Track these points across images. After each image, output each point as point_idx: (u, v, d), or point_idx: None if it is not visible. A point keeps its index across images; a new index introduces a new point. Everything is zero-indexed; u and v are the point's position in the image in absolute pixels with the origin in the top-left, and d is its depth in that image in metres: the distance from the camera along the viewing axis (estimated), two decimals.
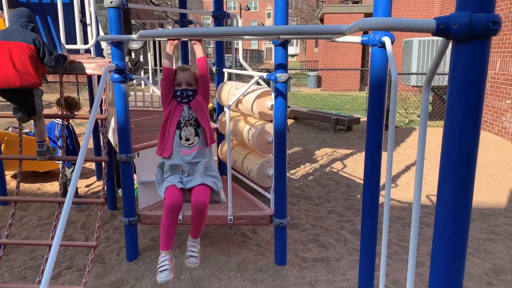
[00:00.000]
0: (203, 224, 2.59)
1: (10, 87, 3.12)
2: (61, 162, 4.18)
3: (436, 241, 1.23)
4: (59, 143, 4.68)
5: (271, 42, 3.13)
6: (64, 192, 4.26)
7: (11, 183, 5.50)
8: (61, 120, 4.47)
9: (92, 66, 3.52)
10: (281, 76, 3.10)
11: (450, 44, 1.17)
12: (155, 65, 7.28)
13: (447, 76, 1.18)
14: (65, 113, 3.93)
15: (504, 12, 8.25)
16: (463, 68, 1.10)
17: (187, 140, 2.51)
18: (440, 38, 1.16)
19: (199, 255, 2.63)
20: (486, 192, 5.35)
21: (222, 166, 4.57)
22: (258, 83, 3.80)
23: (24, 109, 3.28)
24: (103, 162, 3.64)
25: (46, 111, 3.96)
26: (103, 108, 3.75)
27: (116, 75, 3.19)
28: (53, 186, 5.55)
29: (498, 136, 8.32)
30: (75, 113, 4.61)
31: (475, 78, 1.09)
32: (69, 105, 4.61)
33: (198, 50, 2.54)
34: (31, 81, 3.15)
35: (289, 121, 10.50)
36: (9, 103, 3.29)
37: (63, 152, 3.67)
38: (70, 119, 5.13)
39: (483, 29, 1.05)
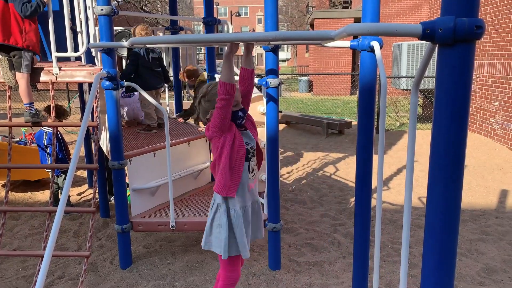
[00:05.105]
0: None
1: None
2: (51, 170, 4.15)
3: (427, 242, 1.25)
4: (48, 151, 4.65)
5: (262, 48, 3.15)
6: (54, 201, 4.22)
7: (2, 193, 5.44)
8: (49, 128, 4.46)
9: (83, 74, 3.51)
10: (272, 81, 3.12)
11: (437, 48, 1.20)
12: None
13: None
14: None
15: (490, 15, 8.39)
16: (449, 71, 1.13)
17: (252, 171, 2.10)
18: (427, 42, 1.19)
19: None
20: (476, 193, 5.40)
21: None
22: None
23: (15, 63, 3.41)
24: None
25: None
26: (95, 115, 3.73)
27: (107, 82, 3.19)
28: (45, 195, 5.50)
29: (488, 138, 8.42)
30: (64, 121, 4.58)
31: (461, 81, 1.12)
32: (57, 113, 4.57)
33: (248, 61, 2.19)
34: (12, 38, 3.35)
35: (281, 126, 10.53)
36: None
37: (53, 160, 3.64)
38: (60, 127, 5.09)
39: (467, 33, 1.07)
